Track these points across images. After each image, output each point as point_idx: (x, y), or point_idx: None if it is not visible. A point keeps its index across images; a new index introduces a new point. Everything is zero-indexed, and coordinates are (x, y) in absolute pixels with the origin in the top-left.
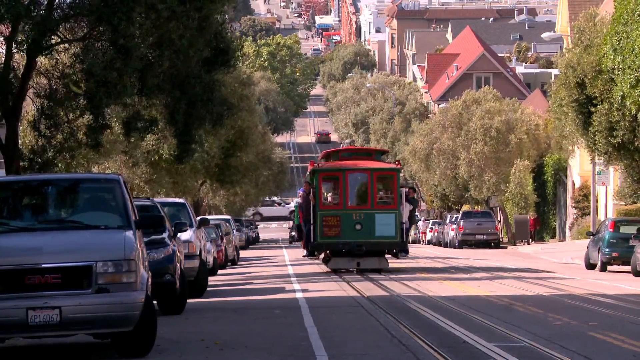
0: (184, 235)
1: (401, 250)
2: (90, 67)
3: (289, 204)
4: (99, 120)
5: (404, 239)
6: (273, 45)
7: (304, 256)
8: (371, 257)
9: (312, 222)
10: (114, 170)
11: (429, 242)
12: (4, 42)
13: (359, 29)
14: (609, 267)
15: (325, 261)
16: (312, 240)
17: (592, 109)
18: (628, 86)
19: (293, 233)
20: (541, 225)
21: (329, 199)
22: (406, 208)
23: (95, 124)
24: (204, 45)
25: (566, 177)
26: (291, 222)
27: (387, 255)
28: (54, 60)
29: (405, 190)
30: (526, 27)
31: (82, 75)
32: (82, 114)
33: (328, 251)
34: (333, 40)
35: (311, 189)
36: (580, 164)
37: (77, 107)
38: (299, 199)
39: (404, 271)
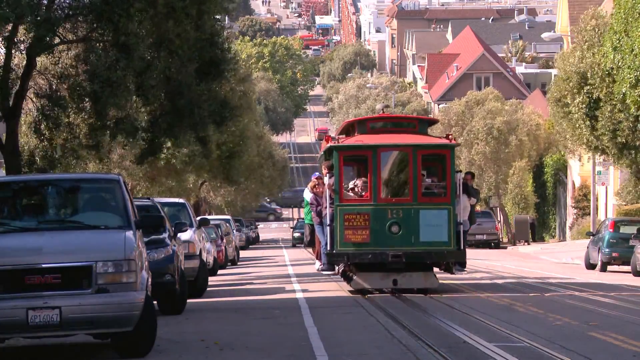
0: (184, 235)
1: (457, 262)
2: (94, 69)
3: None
4: (102, 121)
5: (461, 247)
6: (270, 45)
7: (319, 270)
8: (413, 272)
9: (329, 222)
10: (108, 170)
11: None
12: (3, 42)
13: (359, 29)
14: (609, 267)
15: (347, 278)
16: (328, 247)
17: (597, 112)
18: (628, 85)
19: (297, 234)
20: (541, 225)
21: (354, 189)
22: (464, 201)
23: (98, 124)
24: (199, 51)
25: (566, 177)
26: (294, 221)
27: (434, 269)
28: (55, 60)
29: (461, 176)
30: (526, 27)
31: (86, 77)
32: (90, 117)
33: (350, 264)
34: (333, 41)
35: (328, 175)
36: (580, 164)
37: (82, 108)
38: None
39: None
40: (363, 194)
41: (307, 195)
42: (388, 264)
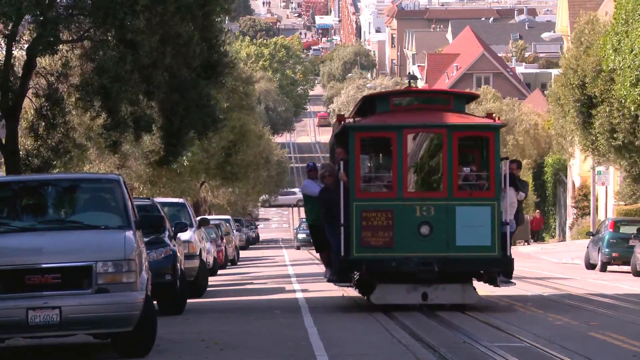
0: (184, 235)
1: (502, 271)
2: (102, 64)
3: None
4: (116, 118)
5: (507, 253)
6: (271, 45)
7: (329, 280)
8: (448, 285)
9: (342, 221)
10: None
11: None
12: (4, 41)
13: (359, 29)
14: (609, 267)
15: (365, 290)
16: (341, 253)
17: (593, 111)
18: (628, 85)
19: (302, 235)
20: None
21: (373, 180)
22: (511, 196)
23: (113, 123)
24: (200, 51)
25: (566, 177)
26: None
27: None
28: (58, 59)
29: (507, 165)
30: (526, 27)
31: (94, 73)
32: (98, 115)
33: (369, 273)
34: (333, 41)
35: (341, 163)
36: (580, 164)
37: (93, 107)
38: (312, 183)
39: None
40: (385, 186)
41: (310, 188)
42: (417, 274)
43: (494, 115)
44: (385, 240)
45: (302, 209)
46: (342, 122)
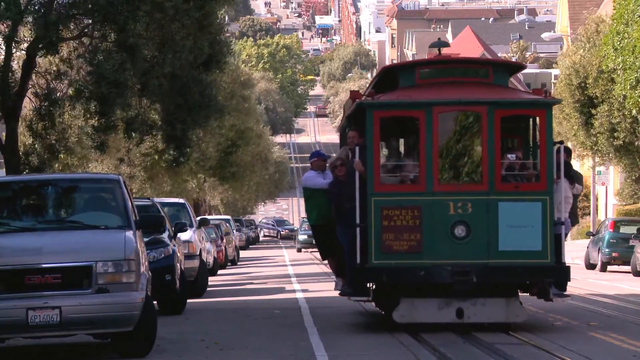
0: (184, 235)
1: (555, 281)
2: (101, 70)
3: None
4: (109, 121)
5: (562, 259)
6: (273, 45)
7: (342, 293)
8: (488, 299)
9: (358, 220)
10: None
11: None
12: (4, 41)
13: (359, 29)
14: (609, 267)
15: (385, 305)
16: (357, 260)
17: (593, 110)
18: (628, 87)
19: (304, 236)
20: None
21: (396, 170)
22: (565, 190)
23: (104, 125)
24: (203, 46)
25: None
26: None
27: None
28: (57, 59)
29: (562, 152)
30: (526, 27)
31: (92, 78)
32: (91, 117)
33: (392, 285)
34: (333, 41)
35: (355, 150)
36: (580, 164)
37: (88, 110)
38: (317, 175)
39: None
40: (411, 178)
41: (313, 180)
42: (450, 285)
43: (538, 89)
44: (411, 245)
45: (302, 207)
46: (357, 100)
